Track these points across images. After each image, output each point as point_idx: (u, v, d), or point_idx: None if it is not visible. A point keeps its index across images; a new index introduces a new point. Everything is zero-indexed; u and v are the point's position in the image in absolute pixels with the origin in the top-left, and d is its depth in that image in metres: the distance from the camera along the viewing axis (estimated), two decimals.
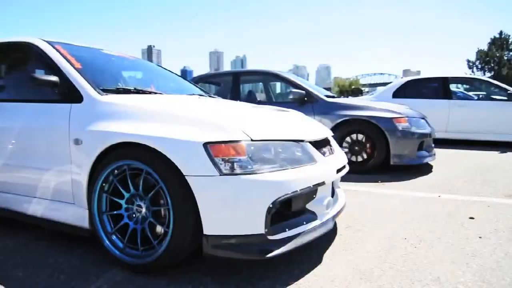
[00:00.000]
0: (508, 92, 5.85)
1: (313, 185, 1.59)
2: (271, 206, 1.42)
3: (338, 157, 2.06)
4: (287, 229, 1.51)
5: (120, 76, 2.44)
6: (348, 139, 3.79)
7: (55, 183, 1.85)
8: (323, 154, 1.84)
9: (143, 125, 1.56)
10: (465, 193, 2.96)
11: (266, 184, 1.42)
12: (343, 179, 3.42)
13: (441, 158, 4.64)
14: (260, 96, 5.43)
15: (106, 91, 1.88)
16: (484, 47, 39.07)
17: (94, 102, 1.77)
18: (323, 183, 1.67)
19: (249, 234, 1.42)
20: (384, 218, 2.34)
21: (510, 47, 38.57)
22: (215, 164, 1.40)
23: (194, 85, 3.06)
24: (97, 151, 1.63)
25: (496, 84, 6.37)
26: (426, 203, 2.68)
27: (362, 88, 45.21)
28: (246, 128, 1.50)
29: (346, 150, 3.81)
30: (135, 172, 1.59)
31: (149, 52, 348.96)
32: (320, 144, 1.88)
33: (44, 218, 1.90)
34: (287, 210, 1.58)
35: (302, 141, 1.69)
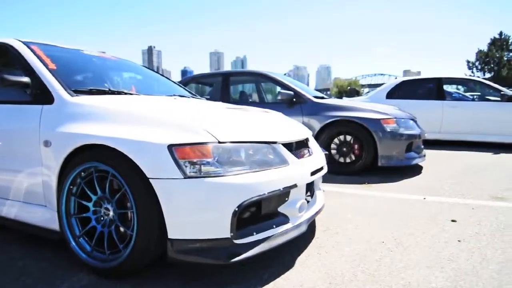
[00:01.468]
0: (502, 93, 5.82)
1: (283, 188, 1.56)
2: (236, 209, 1.39)
3: (316, 158, 2.02)
4: (255, 233, 1.48)
5: (99, 77, 2.42)
6: (336, 140, 3.76)
7: (27, 185, 1.82)
8: (298, 156, 1.81)
9: (109, 126, 1.53)
10: (452, 195, 2.93)
11: (232, 187, 1.39)
12: (330, 180, 3.43)
13: (432, 159, 4.61)
14: (253, 96, 5.41)
15: (79, 92, 1.85)
16: (484, 47, 39.03)
17: (64, 104, 1.74)
18: (295, 186, 1.64)
19: (214, 238, 1.40)
20: (365, 220, 2.30)
21: (510, 48, 38.51)
22: (179, 166, 1.37)
23: (179, 86, 3.04)
24: (65, 153, 1.60)
25: (490, 85, 6.33)
26: (410, 205, 2.65)
27: (362, 89, 45.20)
28: (213, 130, 1.47)
29: (335, 151, 3.78)
30: (102, 174, 1.56)
31: (149, 53, 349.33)
32: (295, 146, 1.86)
33: (17, 221, 1.87)
34: (257, 213, 1.55)
35: (274, 142, 1.66)
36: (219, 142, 1.45)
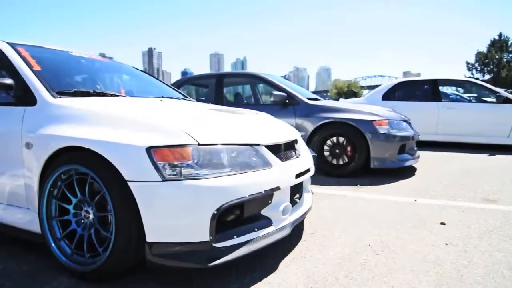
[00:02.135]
0: (497, 94, 5.80)
1: (265, 191, 1.54)
2: (215, 212, 1.37)
3: (302, 160, 2.01)
4: (235, 236, 1.46)
5: (86, 79, 2.40)
6: (329, 142, 3.74)
7: (10, 187, 1.81)
8: (283, 158, 1.79)
9: (89, 128, 1.52)
10: (443, 197, 2.91)
11: (211, 190, 1.38)
12: (322, 182, 3.43)
13: (427, 161, 4.60)
14: (248, 98, 5.40)
15: (63, 93, 1.84)
16: (484, 49, 39.05)
17: (46, 105, 1.73)
18: (278, 189, 1.62)
19: (193, 241, 1.38)
20: (354, 223, 2.28)
21: (510, 49, 38.53)
22: (157, 169, 1.36)
23: (171, 87, 3.02)
24: (46, 155, 1.59)
25: (485, 86, 6.32)
26: (400, 208, 2.63)
27: (361, 91, 45.19)
28: (193, 132, 1.46)
29: (327, 153, 3.76)
30: (82, 177, 1.55)
31: (149, 54, 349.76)
32: (281, 148, 1.84)
33: (1, 223, 1.86)
34: (239, 216, 1.54)
35: (257, 145, 1.64)
36: (199, 144, 1.44)
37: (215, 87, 4.53)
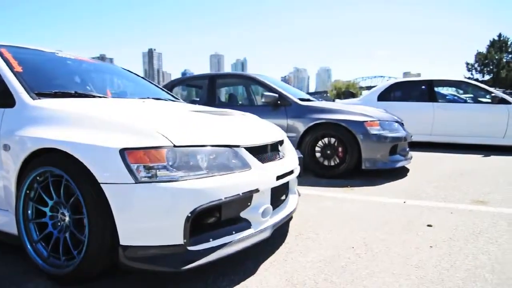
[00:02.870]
0: (492, 94, 5.78)
1: (242, 193, 1.52)
2: (189, 215, 1.35)
3: (286, 162, 1.99)
4: (211, 239, 1.44)
5: (70, 80, 2.38)
6: (320, 143, 3.72)
7: None
8: (264, 159, 1.77)
9: (65, 130, 1.50)
10: (433, 199, 2.89)
11: (185, 192, 1.36)
12: (313, 183, 3.41)
13: (420, 161, 4.58)
14: (241, 99, 5.38)
15: (43, 95, 1.82)
16: (484, 49, 39.00)
17: (25, 107, 1.71)
18: (256, 191, 1.60)
19: (167, 245, 1.36)
20: (340, 225, 2.26)
21: (509, 50, 38.48)
22: (130, 171, 1.34)
23: (160, 88, 3.01)
24: (22, 157, 1.57)
25: (481, 87, 6.30)
26: (389, 209, 2.61)
27: (361, 91, 45.17)
28: (169, 134, 1.44)
29: (319, 154, 3.74)
30: (57, 179, 1.53)
31: (150, 55, 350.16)
32: (262, 149, 1.82)
33: None
34: (217, 219, 1.52)
35: (236, 146, 1.62)
36: (175, 146, 1.42)
37: (208, 88, 4.51)
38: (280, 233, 2.09)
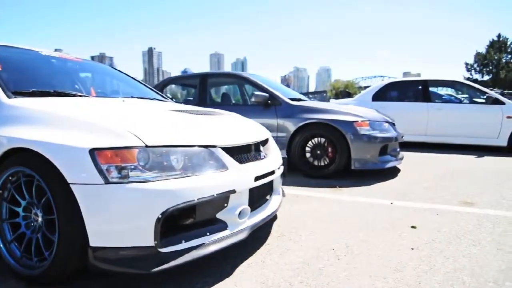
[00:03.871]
0: (487, 95, 5.76)
1: (217, 194, 1.50)
2: (160, 216, 1.33)
3: (268, 162, 1.97)
4: (184, 241, 1.42)
5: (52, 79, 2.36)
6: (310, 143, 3.70)
7: None
8: (242, 160, 1.75)
9: (37, 129, 1.49)
10: (420, 200, 2.87)
11: (156, 193, 1.34)
12: (302, 184, 3.39)
13: (413, 162, 4.56)
14: (234, 98, 5.36)
15: (20, 94, 1.80)
16: (483, 50, 38.96)
17: (0, 106, 1.69)
18: (233, 191, 1.58)
19: (138, 246, 1.34)
20: (324, 226, 2.24)
21: (509, 50, 38.46)
22: (100, 171, 1.32)
23: (148, 87, 2.99)
24: None
25: (475, 87, 6.27)
26: (375, 210, 2.59)
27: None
28: (140, 133, 1.42)
29: (309, 154, 3.72)
30: (29, 179, 1.51)
31: (149, 54, 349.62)
32: (241, 150, 1.80)
33: None
34: (191, 220, 1.50)
35: (213, 146, 1.60)
36: (147, 146, 1.40)
37: (199, 88, 4.49)
38: (261, 234, 2.07)
